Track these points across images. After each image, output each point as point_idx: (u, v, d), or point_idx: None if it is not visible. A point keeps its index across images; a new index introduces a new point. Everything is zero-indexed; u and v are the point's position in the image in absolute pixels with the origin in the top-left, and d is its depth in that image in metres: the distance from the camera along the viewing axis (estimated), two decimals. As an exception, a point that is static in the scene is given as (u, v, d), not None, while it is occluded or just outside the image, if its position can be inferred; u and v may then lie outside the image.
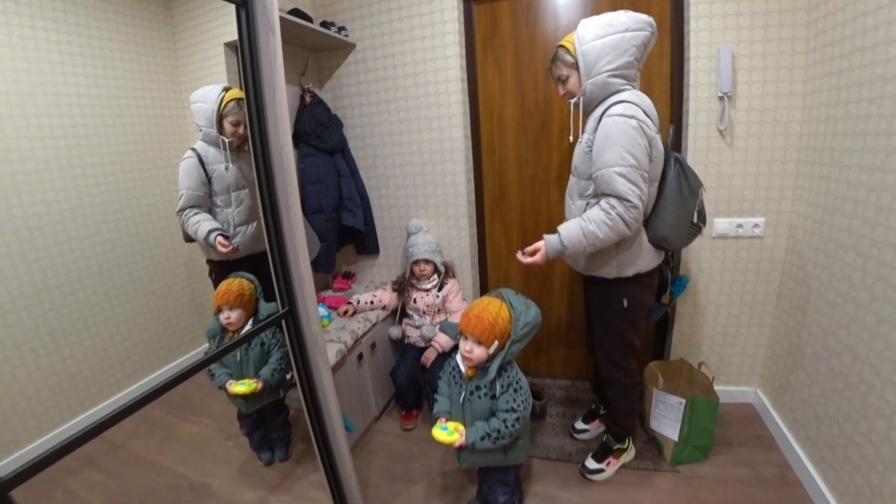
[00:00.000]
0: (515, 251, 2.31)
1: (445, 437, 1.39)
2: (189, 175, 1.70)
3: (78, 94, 1.53)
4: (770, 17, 1.72)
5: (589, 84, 1.40)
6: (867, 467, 1.32)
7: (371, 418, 2.20)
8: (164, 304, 1.88)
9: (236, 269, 1.76)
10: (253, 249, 1.85)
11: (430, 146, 2.24)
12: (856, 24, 1.41)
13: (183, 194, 1.70)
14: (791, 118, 1.77)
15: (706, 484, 1.71)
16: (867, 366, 1.34)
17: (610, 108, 1.36)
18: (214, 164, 1.73)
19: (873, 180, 1.33)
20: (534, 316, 1.36)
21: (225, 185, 1.76)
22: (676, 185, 1.45)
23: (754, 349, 2.06)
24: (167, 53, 1.83)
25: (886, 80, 1.27)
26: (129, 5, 1.67)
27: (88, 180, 1.58)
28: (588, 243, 1.39)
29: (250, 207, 1.84)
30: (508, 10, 2.09)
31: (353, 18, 2.22)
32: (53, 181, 1.48)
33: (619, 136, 1.32)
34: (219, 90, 1.69)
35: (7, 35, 1.32)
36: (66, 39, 1.48)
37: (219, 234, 1.71)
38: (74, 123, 1.53)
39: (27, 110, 1.39)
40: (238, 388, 1.68)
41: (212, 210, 1.77)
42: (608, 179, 1.33)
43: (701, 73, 1.81)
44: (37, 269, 1.45)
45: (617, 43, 1.34)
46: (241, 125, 1.72)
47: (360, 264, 2.60)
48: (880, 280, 1.30)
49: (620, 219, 1.33)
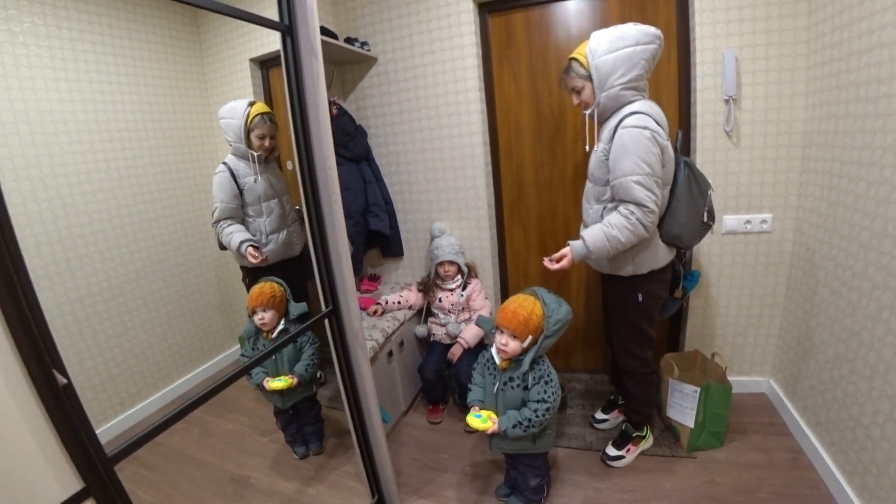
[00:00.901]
0: (534, 250, 2.46)
1: (480, 424, 1.48)
2: (222, 188, 1.79)
3: (115, 111, 1.62)
4: (771, 21, 1.81)
5: (603, 97, 1.50)
6: (874, 447, 1.40)
7: (400, 412, 2.31)
8: (197, 308, 1.97)
9: (267, 274, 1.85)
10: (282, 256, 1.96)
11: (451, 152, 2.36)
12: (852, 29, 1.51)
13: (217, 207, 1.79)
14: (794, 117, 1.87)
15: (722, 468, 1.80)
16: (871, 351, 1.43)
17: (624, 119, 1.45)
18: (245, 177, 1.82)
19: (872, 175, 1.43)
20: (565, 313, 1.46)
21: (255, 197, 1.85)
22: (687, 187, 1.56)
23: (765, 339, 2.14)
24: (196, 69, 1.92)
25: (881, 82, 1.37)
26: (160, 25, 1.77)
27: (126, 191, 1.67)
28: (611, 247, 1.50)
29: (280, 216, 1.94)
30: (522, 22, 2.21)
31: (374, 33, 2.35)
32: (94, 193, 1.56)
33: (635, 146, 1.41)
34: (244, 105, 1.77)
35: (51, 58, 1.42)
36: (102, 60, 1.57)
37: (249, 244, 1.80)
38: (112, 138, 1.61)
39: (69, 127, 1.48)
40: (275, 384, 1.76)
41: (244, 220, 1.86)
42: (626, 187, 1.44)
43: (707, 77, 1.91)
44: (80, 275, 1.53)
45: (628, 56, 1.42)
46: (266, 138, 1.81)
47: (385, 266, 2.72)
48: (881, 269, 1.39)
49: (640, 223, 1.44)
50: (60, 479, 0.80)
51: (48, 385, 0.76)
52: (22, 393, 0.74)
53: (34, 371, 0.75)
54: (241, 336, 2.11)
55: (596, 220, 1.60)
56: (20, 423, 0.74)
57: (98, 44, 1.56)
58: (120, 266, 1.66)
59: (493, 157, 2.41)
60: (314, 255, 1.50)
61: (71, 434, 0.80)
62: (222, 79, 2.02)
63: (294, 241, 2.02)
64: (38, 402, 0.76)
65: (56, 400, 0.78)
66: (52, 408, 0.77)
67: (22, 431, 0.74)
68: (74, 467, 0.82)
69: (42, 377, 0.76)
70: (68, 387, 0.80)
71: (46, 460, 0.78)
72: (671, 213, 1.56)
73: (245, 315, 1.80)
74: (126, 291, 1.69)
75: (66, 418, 0.79)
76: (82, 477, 0.82)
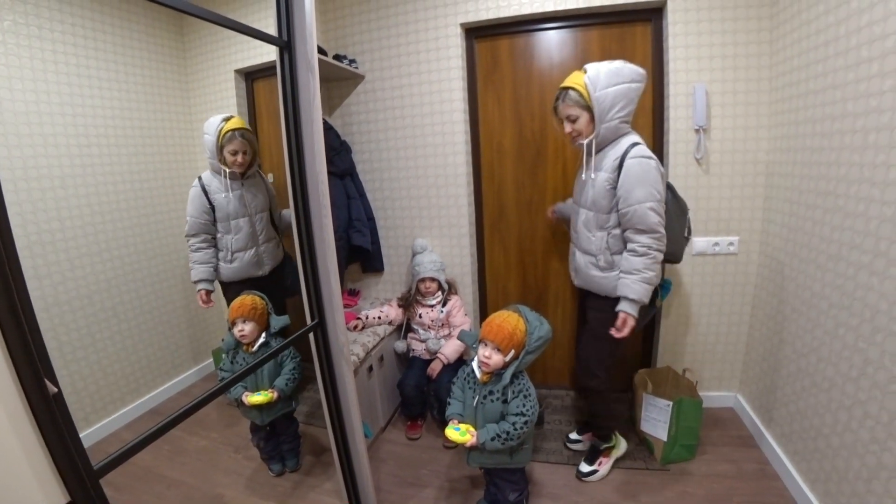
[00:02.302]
0: (513, 269, 2.54)
1: (458, 437, 1.50)
2: (193, 203, 1.79)
3: (94, 116, 1.59)
4: (738, 59, 1.96)
5: (603, 128, 1.56)
6: (833, 455, 1.50)
7: (378, 428, 2.29)
8: (169, 321, 1.92)
9: (241, 288, 1.83)
10: (247, 274, 1.93)
11: (434, 171, 2.41)
12: (809, 70, 1.65)
13: (187, 221, 1.80)
14: (759, 147, 2.01)
15: (694, 480, 1.87)
16: (829, 365, 1.53)
17: (630, 150, 1.54)
18: (216, 194, 1.81)
19: (827, 203, 1.55)
20: (546, 331, 1.49)
21: (225, 213, 1.83)
22: (675, 206, 1.69)
23: (733, 356, 2.25)
24: (178, 78, 1.91)
25: (834, 119, 1.50)
26: (144, 31, 1.75)
27: (101, 198, 1.63)
28: (651, 285, 1.58)
29: (249, 235, 1.91)
30: (507, 48, 2.30)
31: (363, 52, 2.40)
32: (68, 198, 1.53)
33: (645, 174, 1.51)
34: (219, 121, 1.75)
35: (30, 58, 1.40)
36: (84, 63, 1.55)
37: (204, 288, 1.80)
38: (90, 143, 1.58)
39: (45, 129, 1.45)
40: (255, 398, 1.73)
41: (214, 236, 1.86)
42: (642, 214, 1.52)
43: (679, 108, 2.03)
44: (48, 283, 1.49)
45: (625, 92, 1.51)
46: (239, 154, 1.78)
47: (365, 281, 2.72)
48: (836, 289, 1.50)
49: (658, 252, 1.55)
50: (46, 491, 0.77)
51: (39, 393, 0.75)
52: (11, 401, 0.72)
53: (25, 378, 0.73)
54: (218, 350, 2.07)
55: (600, 246, 1.66)
56: (8, 432, 0.72)
57: (80, 47, 1.54)
58: (91, 275, 1.62)
59: (475, 176, 2.47)
60: (301, 268, 1.50)
61: (59, 444, 0.78)
62: (205, 88, 2.02)
63: (264, 260, 1.99)
64: (27, 411, 0.74)
65: (46, 409, 0.76)
66: (42, 417, 0.75)
67: (10, 440, 0.72)
68: (60, 479, 0.79)
69: (33, 385, 0.74)
70: (58, 396, 0.79)
71: (33, 471, 0.76)
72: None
73: (221, 329, 1.79)
74: (96, 301, 1.64)
75: (55, 428, 0.77)
76: (69, 490, 0.80)
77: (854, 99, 1.41)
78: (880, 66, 1.29)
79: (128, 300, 1.76)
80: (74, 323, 1.58)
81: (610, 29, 2.16)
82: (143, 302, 1.81)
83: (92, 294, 1.63)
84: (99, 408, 1.69)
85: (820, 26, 1.58)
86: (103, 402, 1.70)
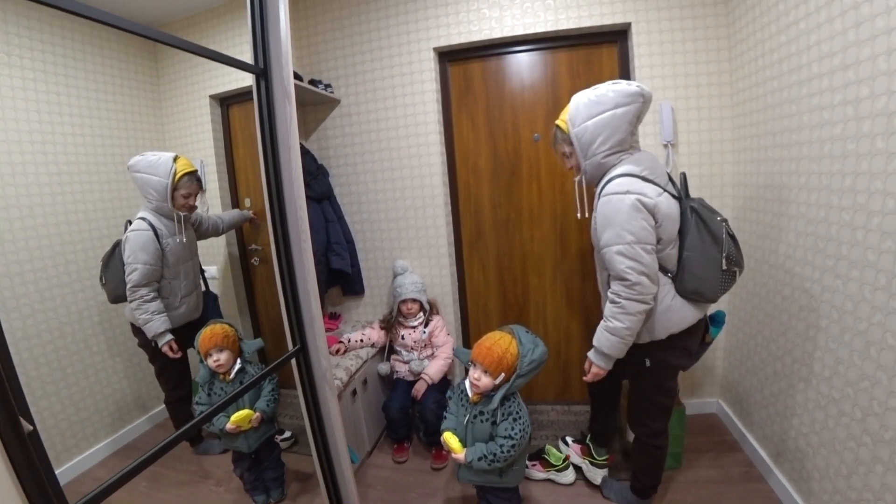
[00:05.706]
0: (493, 287, 2.56)
1: (454, 443, 1.50)
2: (146, 249, 1.61)
3: (65, 143, 1.56)
4: (700, 77, 2.06)
5: (587, 164, 1.46)
6: (814, 453, 1.53)
7: (364, 453, 2.25)
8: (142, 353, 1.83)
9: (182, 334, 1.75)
10: (190, 318, 1.85)
11: (411, 192, 2.43)
12: (766, 86, 1.75)
13: (138, 269, 1.59)
14: (724, 160, 2.10)
15: (682, 486, 1.88)
16: (803, 366, 1.59)
17: (605, 186, 1.41)
18: (167, 238, 1.69)
19: (790, 210, 1.63)
20: (540, 354, 1.45)
21: (176, 258, 1.74)
22: (697, 237, 1.41)
23: (713, 362, 2.30)
24: (152, 104, 1.89)
25: (792, 131, 1.59)
26: (117, 58, 1.74)
27: (72, 227, 1.60)
28: (620, 337, 1.42)
29: (193, 278, 1.86)
30: (480, 71, 2.36)
31: (338, 77, 2.43)
32: (37, 228, 1.49)
33: (614, 214, 1.36)
34: (168, 161, 1.63)
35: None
36: (54, 90, 1.53)
37: (171, 339, 1.69)
38: (59, 171, 1.55)
39: (14, 158, 1.42)
40: (238, 415, 1.66)
41: (160, 283, 1.72)
42: (609, 259, 1.39)
43: (647, 124, 2.09)
44: (16, 316, 1.44)
45: (608, 122, 1.37)
46: (191, 196, 1.71)
47: (345, 305, 2.70)
48: (804, 292, 1.57)
49: (630, 300, 1.37)
50: (18, 534, 0.74)
51: (13, 432, 0.72)
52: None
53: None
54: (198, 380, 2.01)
55: (603, 285, 1.59)
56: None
57: (51, 73, 1.53)
58: (61, 307, 1.57)
59: (452, 197, 2.50)
60: (282, 293, 1.49)
61: (35, 485, 0.75)
62: (180, 114, 2.01)
63: (200, 301, 1.94)
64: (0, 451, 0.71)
65: (21, 448, 0.73)
66: (16, 457, 0.73)
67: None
68: (35, 521, 0.76)
69: (6, 423, 0.72)
70: (34, 434, 0.76)
71: (6, 513, 0.72)
72: (684, 266, 1.43)
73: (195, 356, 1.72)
74: (67, 334, 1.60)
75: (30, 468, 0.74)
76: (43, 533, 0.77)
77: (808, 112, 1.50)
78: (829, 82, 1.38)
79: (100, 332, 1.71)
80: (44, 357, 1.53)
81: (578, 51, 2.24)
82: (115, 333, 1.75)
83: (63, 326, 1.58)
84: (71, 445, 1.63)
85: (774, 45, 1.67)
86: (75, 438, 1.64)
